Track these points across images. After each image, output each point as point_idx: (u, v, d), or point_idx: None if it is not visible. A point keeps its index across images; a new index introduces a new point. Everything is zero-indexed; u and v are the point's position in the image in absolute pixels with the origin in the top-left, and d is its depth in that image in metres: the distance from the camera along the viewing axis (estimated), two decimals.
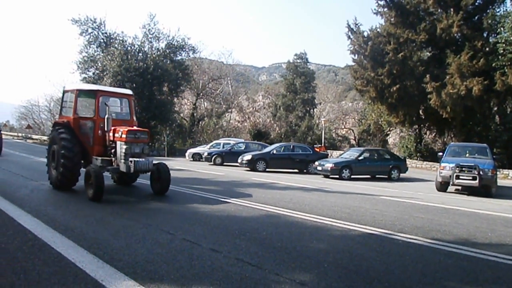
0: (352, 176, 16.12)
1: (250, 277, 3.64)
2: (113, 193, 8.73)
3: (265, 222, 6.31)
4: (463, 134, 24.14)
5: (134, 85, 27.09)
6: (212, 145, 25.46)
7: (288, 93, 45.83)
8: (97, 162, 8.37)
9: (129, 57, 29.63)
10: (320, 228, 6.06)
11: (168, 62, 32.16)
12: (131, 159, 7.91)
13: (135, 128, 8.48)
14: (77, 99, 8.82)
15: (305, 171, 18.48)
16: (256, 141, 28.52)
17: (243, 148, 22.23)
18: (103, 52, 30.82)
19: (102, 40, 31.51)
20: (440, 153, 14.04)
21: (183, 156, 27.17)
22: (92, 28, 31.02)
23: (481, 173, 11.57)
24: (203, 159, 22.96)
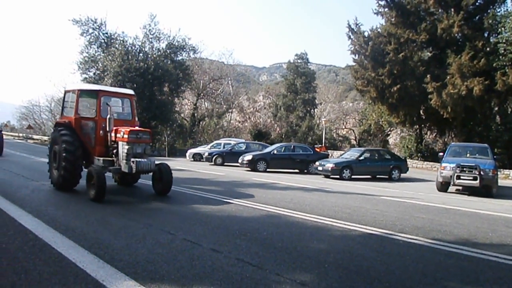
0: (353, 176, 16.12)
1: (250, 277, 3.64)
2: (115, 194, 8.72)
3: (265, 222, 6.31)
4: (464, 134, 24.13)
5: (135, 85, 27.14)
6: (212, 145, 25.47)
7: (289, 93, 45.83)
8: (99, 162, 8.33)
9: (130, 57, 29.68)
10: (321, 228, 6.06)
11: (169, 62, 32.21)
12: (133, 160, 7.87)
13: (137, 128, 8.43)
14: (79, 99, 8.80)
15: (305, 171, 18.48)
16: (256, 141, 28.50)
17: (243, 148, 22.22)
18: (103, 53, 30.86)
19: (102, 41, 31.56)
20: (441, 153, 14.03)
21: (184, 156, 27.18)
22: (93, 28, 31.07)
23: (482, 173, 11.56)
24: (204, 159, 22.97)
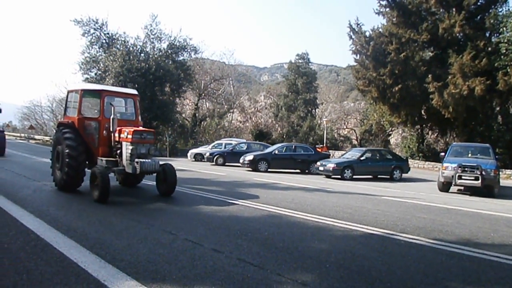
0: (354, 176, 16.11)
1: (252, 277, 3.64)
2: (117, 194, 8.70)
3: (267, 222, 6.31)
4: (465, 134, 24.09)
5: (136, 85, 27.18)
6: (214, 146, 25.49)
7: (290, 93, 45.82)
8: (102, 163, 8.27)
9: (131, 57, 29.74)
10: (322, 228, 6.05)
11: (170, 63, 32.26)
12: (137, 160, 7.80)
13: (141, 128, 8.34)
14: (82, 99, 8.74)
15: (307, 171, 18.48)
16: (258, 142, 28.52)
17: (245, 149, 22.24)
18: (105, 53, 30.93)
19: (104, 41, 31.64)
20: (442, 153, 14.02)
21: (185, 156, 27.19)
22: (94, 28, 31.17)
23: (483, 173, 11.54)
24: (205, 159, 22.98)
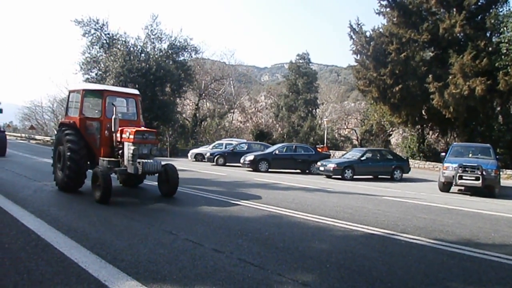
0: (355, 177, 16.11)
1: (252, 277, 3.64)
2: (118, 195, 8.67)
3: (267, 223, 6.31)
4: (466, 134, 24.06)
5: (137, 85, 27.19)
6: (214, 146, 25.51)
7: (291, 93, 45.80)
8: (104, 163, 8.23)
9: (132, 57, 29.76)
10: (323, 229, 6.05)
11: (171, 63, 32.28)
12: (139, 161, 7.76)
13: (143, 128, 8.30)
14: (84, 99, 8.69)
15: (307, 171, 18.48)
16: (258, 142, 28.52)
17: (245, 149, 22.24)
18: (105, 53, 30.95)
19: (104, 41, 31.65)
20: (443, 153, 14.01)
21: (186, 156, 27.20)
22: (95, 29, 31.18)
23: (484, 173, 11.53)
24: (206, 160, 22.98)
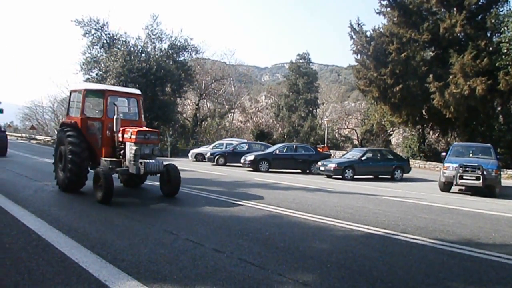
0: (355, 176, 16.10)
1: (253, 277, 3.64)
2: (119, 195, 8.63)
3: (268, 223, 6.31)
4: (467, 134, 24.05)
5: (137, 85, 27.20)
6: (214, 146, 25.51)
7: (291, 93, 45.78)
8: (106, 163, 8.18)
9: (132, 57, 29.79)
10: (323, 229, 6.05)
11: (171, 63, 32.31)
12: (141, 161, 7.71)
13: (144, 128, 8.24)
14: (85, 99, 8.65)
15: (308, 171, 18.47)
16: (258, 142, 28.53)
17: (245, 149, 22.23)
18: (106, 53, 30.98)
19: (105, 41, 31.69)
20: (444, 153, 14.00)
21: (186, 156, 27.20)
22: (95, 29, 31.23)
23: (484, 173, 11.52)
24: (206, 160, 22.98)
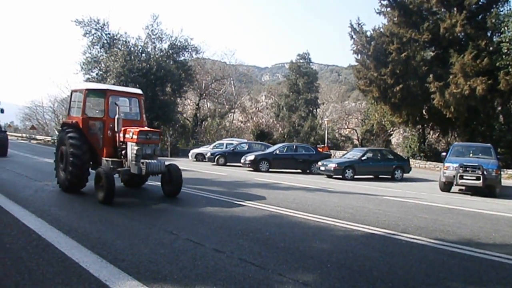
0: (355, 176, 16.09)
1: (253, 277, 3.64)
2: (120, 195, 8.60)
3: (268, 222, 6.31)
4: (467, 134, 24.04)
5: (137, 85, 27.19)
6: (215, 146, 25.51)
7: (291, 93, 45.77)
8: (107, 163, 8.14)
9: (132, 57, 29.78)
10: (323, 228, 6.05)
11: (171, 63, 32.30)
12: (142, 161, 7.67)
13: (146, 128, 8.20)
14: (86, 99, 8.60)
15: (308, 171, 18.46)
16: (259, 142, 28.53)
17: (246, 149, 22.24)
18: (106, 53, 30.98)
19: (105, 41, 31.69)
20: (444, 153, 14.00)
21: (186, 156, 27.21)
22: (96, 29, 31.22)
23: (485, 173, 11.52)
24: (206, 159, 22.98)
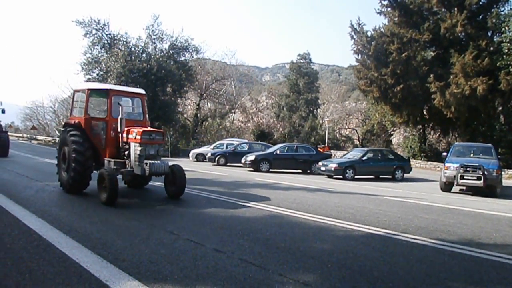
0: (356, 177, 16.08)
1: (253, 278, 3.65)
2: (121, 195, 8.55)
3: (268, 223, 6.31)
4: (468, 134, 24.02)
5: (138, 86, 27.16)
6: (215, 146, 25.52)
7: (292, 93, 45.78)
8: (110, 164, 8.08)
9: (133, 58, 29.77)
10: (324, 229, 6.05)
11: (172, 63, 32.28)
12: (146, 162, 7.62)
13: (149, 129, 8.15)
14: (89, 99, 8.54)
15: (308, 171, 18.46)
16: (259, 142, 28.53)
17: (246, 149, 22.23)
18: (107, 53, 30.96)
19: (106, 41, 31.67)
20: (444, 153, 13.99)
21: (187, 156, 27.23)
22: (96, 29, 31.19)
23: (485, 173, 11.51)
24: (207, 160, 22.99)
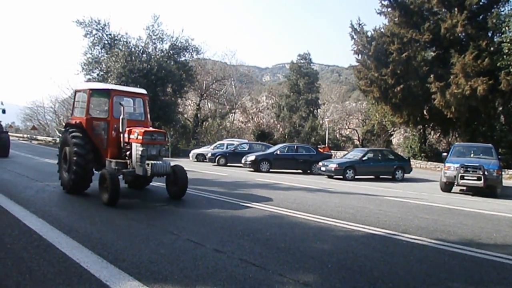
0: (356, 177, 16.08)
1: (253, 278, 3.65)
2: (123, 196, 8.52)
3: (268, 223, 6.31)
4: (468, 134, 24.01)
5: (138, 86, 27.18)
6: (215, 146, 25.54)
7: (292, 93, 45.80)
8: (111, 164, 8.06)
9: (133, 58, 29.78)
10: (324, 229, 6.05)
11: (172, 63, 32.30)
12: (147, 162, 7.58)
13: (151, 129, 8.13)
14: (90, 99, 8.51)
15: (308, 171, 18.46)
16: (259, 142, 28.53)
17: (246, 149, 22.25)
18: (107, 54, 30.98)
19: (106, 42, 31.69)
20: (445, 153, 13.99)
21: (187, 156, 27.25)
22: (97, 29, 31.20)
23: (486, 173, 11.51)
24: (207, 160, 23.01)
